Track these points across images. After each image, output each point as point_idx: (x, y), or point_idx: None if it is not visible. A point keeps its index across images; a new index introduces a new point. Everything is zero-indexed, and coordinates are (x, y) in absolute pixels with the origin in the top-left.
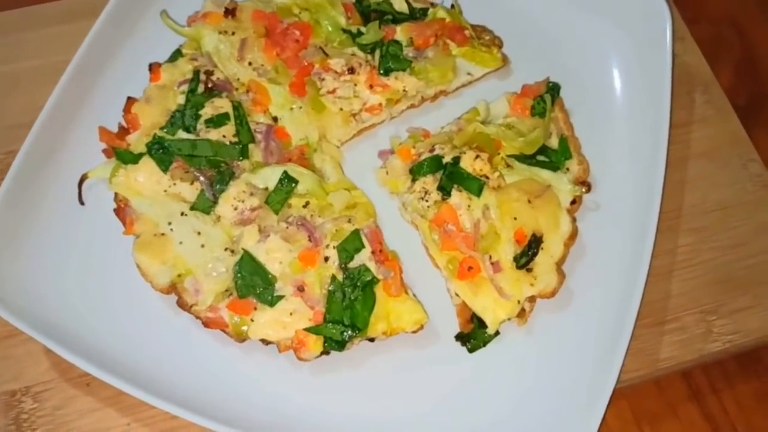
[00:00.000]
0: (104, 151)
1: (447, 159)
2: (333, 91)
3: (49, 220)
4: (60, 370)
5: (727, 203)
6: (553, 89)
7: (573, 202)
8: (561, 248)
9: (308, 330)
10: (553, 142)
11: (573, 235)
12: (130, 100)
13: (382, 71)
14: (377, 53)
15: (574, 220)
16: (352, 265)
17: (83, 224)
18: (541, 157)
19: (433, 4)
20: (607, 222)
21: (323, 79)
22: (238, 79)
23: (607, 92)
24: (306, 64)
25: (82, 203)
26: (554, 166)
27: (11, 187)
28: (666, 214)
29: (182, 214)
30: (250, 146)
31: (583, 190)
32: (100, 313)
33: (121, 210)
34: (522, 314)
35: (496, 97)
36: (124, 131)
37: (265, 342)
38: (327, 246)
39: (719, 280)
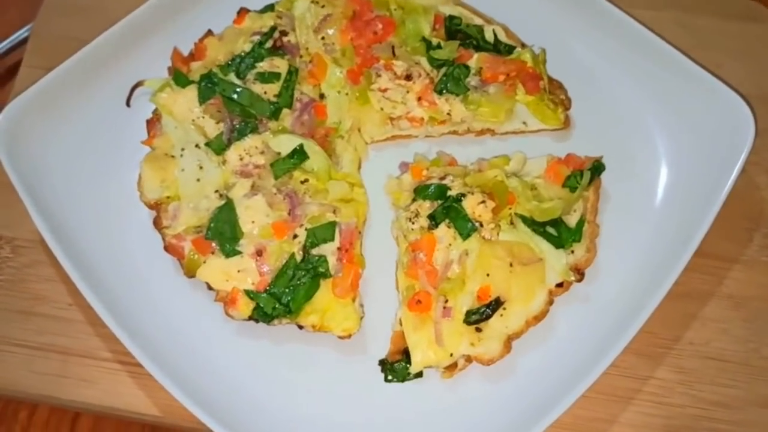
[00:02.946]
0: (169, 68)
1: (452, 192)
2: (384, 90)
3: (92, 107)
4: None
5: (731, 358)
6: (597, 169)
7: (560, 285)
8: (521, 324)
9: (246, 292)
10: (572, 220)
11: (540, 317)
12: (208, 33)
13: (437, 89)
14: (442, 71)
15: (550, 302)
16: (314, 251)
17: (119, 122)
18: (550, 229)
19: (523, 45)
20: (588, 319)
21: (380, 76)
22: (307, 49)
23: (651, 194)
24: (372, 56)
25: (128, 105)
26: (559, 243)
27: (75, 65)
28: (658, 341)
29: (196, 145)
30: (285, 111)
31: (575, 277)
32: (88, 201)
33: (152, 122)
34: (451, 368)
35: (540, 154)
36: (191, 58)
37: (209, 287)
38: (301, 225)
39: (677, 429)
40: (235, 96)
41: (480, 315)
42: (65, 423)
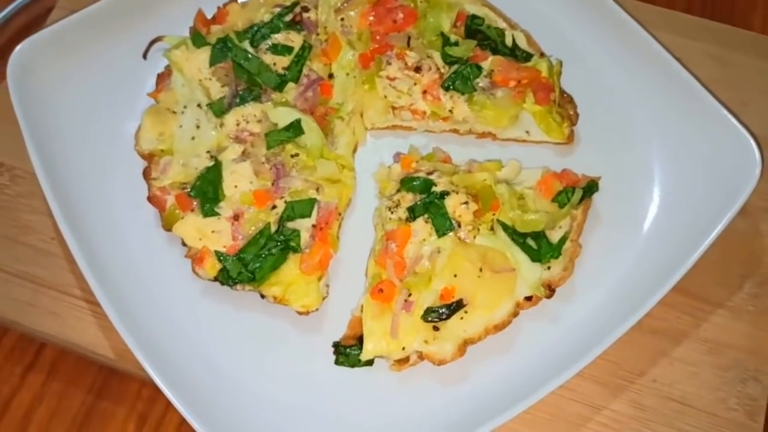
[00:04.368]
0: (191, 28)
1: (437, 189)
2: (392, 79)
3: (109, 54)
4: None
5: (694, 404)
6: (590, 189)
7: (529, 299)
8: (480, 330)
9: (216, 252)
10: (555, 236)
11: (501, 326)
12: (233, 0)
13: (444, 85)
14: (453, 68)
15: (516, 314)
16: (289, 225)
17: (132, 73)
18: (530, 242)
19: (542, 55)
20: (551, 338)
21: (390, 64)
22: (325, 27)
23: (640, 223)
24: (386, 44)
25: (144, 58)
26: (537, 257)
27: (99, 12)
28: (621, 373)
29: (198, 105)
30: (291, 85)
31: (545, 293)
32: (86, 142)
33: (162, 77)
34: (402, 362)
35: (537, 166)
36: (213, 21)
37: (183, 243)
38: (282, 197)
39: None
40: (244, 63)
41: (438, 314)
42: (30, 351)
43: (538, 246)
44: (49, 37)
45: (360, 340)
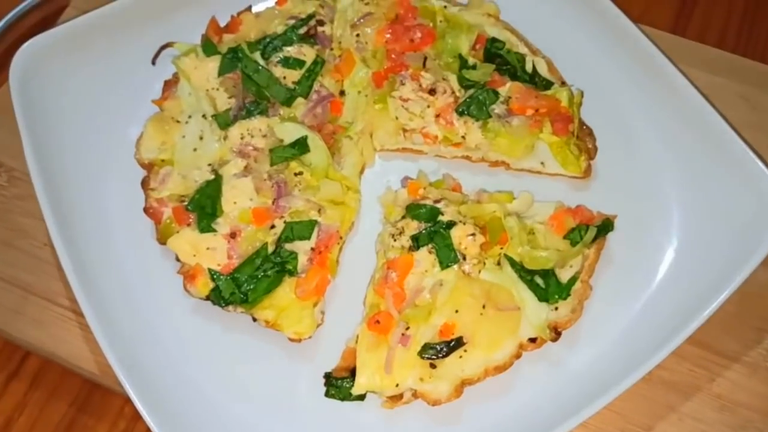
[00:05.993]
0: (203, 36)
1: (444, 218)
2: (405, 100)
3: (117, 58)
4: None
5: None
6: (604, 228)
7: (533, 340)
8: (479, 371)
9: (209, 270)
10: (565, 275)
11: (501, 368)
12: (247, 9)
13: (458, 109)
14: (469, 92)
15: (518, 356)
16: (287, 246)
17: (139, 79)
18: (538, 279)
19: (563, 83)
20: (553, 384)
21: (403, 84)
22: (339, 43)
23: (655, 268)
24: (402, 63)
25: (153, 63)
26: (544, 296)
27: (109, 14)
28: (627, 426)
29: (203, 116)
30: (300, 100)
31: (550, 336)
32: (86, 147)
33: (169, 84)
34: (395, 399)
35: (550, 200)
36: (225, 29)
37: (177, 258)
38: (281, 217)
39: None
40: (254, 74)
41: (436, 351)
42: (15, 358)
43: (547, 285)
44: (55, 37)
45: (353, 373)
